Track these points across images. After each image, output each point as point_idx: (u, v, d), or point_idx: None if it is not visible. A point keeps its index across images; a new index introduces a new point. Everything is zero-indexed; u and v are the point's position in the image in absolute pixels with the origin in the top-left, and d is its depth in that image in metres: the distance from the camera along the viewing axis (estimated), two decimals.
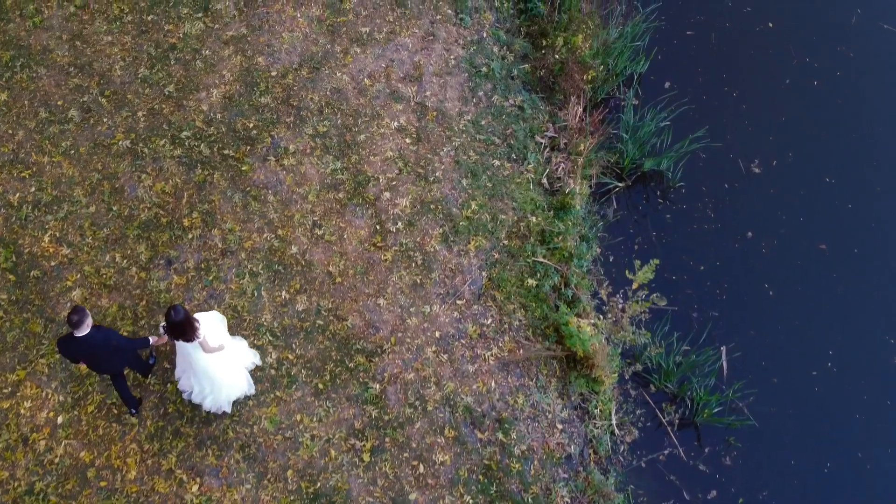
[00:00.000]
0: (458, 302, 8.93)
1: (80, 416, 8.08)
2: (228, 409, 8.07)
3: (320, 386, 8.31)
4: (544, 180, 10.05)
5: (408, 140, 9.76)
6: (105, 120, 9.63)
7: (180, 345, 7.54)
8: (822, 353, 9.87)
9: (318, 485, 7.96)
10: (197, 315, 7.64)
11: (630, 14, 11.46)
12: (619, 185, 10.64)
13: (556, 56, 10.55)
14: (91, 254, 8.83)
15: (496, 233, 9.43)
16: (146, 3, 10.33)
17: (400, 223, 9.21)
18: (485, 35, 10.70)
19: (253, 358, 8.38)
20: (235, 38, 10.14)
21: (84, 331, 6.89)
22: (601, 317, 9.52)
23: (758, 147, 11.04)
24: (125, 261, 8.78)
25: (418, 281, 8.95)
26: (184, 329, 7.10)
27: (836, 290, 10.20)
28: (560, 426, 8.82)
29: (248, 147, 9.48)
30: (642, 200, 10.69)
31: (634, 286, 8.81)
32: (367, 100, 9.91)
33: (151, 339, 7.53)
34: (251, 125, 9.62)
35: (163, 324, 7.34)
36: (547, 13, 10.94)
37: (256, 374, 8.25)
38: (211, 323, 7.83)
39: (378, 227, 9.16)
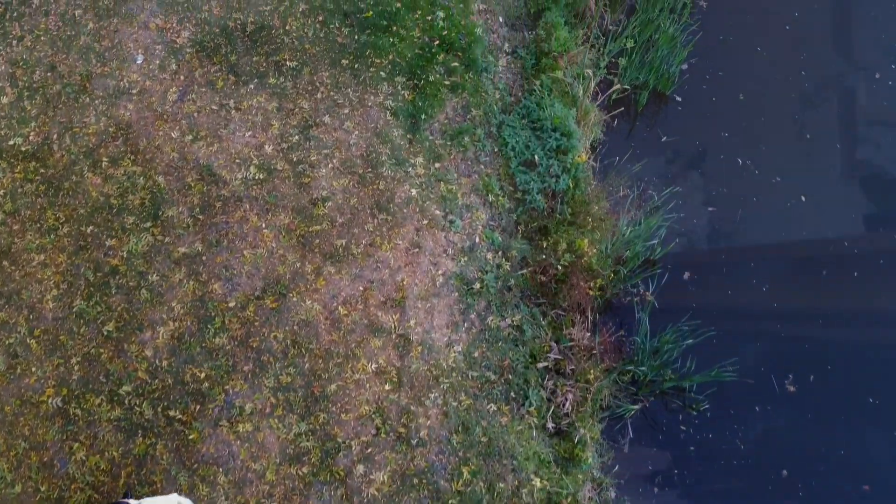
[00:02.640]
0: None
1: None
2: None
3: None
4: (549, 423, 8.08)
5: (387, 387, 7.77)
6: (34, 369, 7.65)
7: None
8: None
9: None
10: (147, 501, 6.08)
11: (644, 201, 9.44)
12: (634, 407, 8.68)
13: (559, 266, 8.55)
14: None
15: None
16: (85, 210, 8.30)
17: None
18: (477, 240, 8.66)
19: None
20: (188, 256, 8.14)
21: None
22: None
23: (792, 358, 8.95)
24: None
25: None
26: None
27: None
28: None
29: (198, 406, 7.50)
30: (661, 427, 8.67)
31: None
32: (340, 335, 7.91)
33: None
34: (202, 375, 7.64)
35: None
36: (547, 206, 8.92)
37: None
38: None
39: None
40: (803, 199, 9.70)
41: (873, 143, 10.09)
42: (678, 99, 10.25)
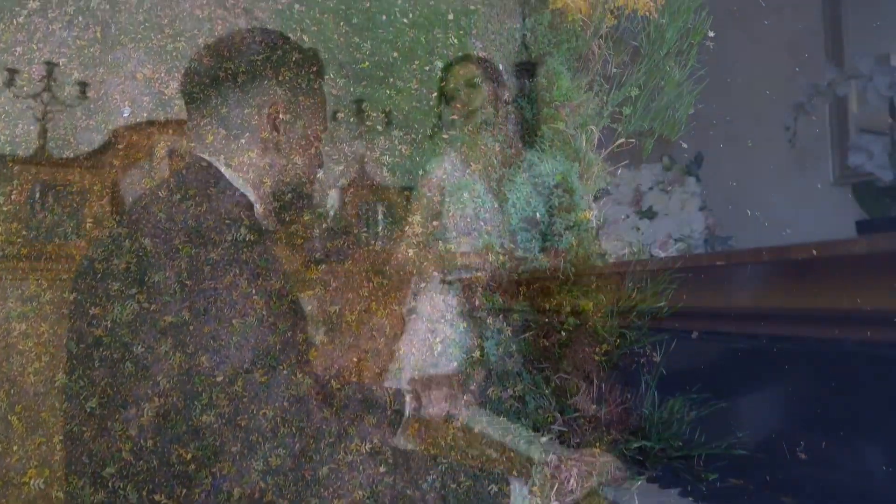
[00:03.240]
0: None
1: None
2: None
3: None
4: (553, 502, 7.68)
5: (382, 468, 7.32)
6: (16, 448, 7.26)
7: None
8: None
9: None
10: None
11: (650, 257, 8.99)
12: (641, 477, 8.26)
13: (563, 332, 8.13)
14: None
15: None
16: (68, 274, 7.95)
17: None
18: (477, 303, 8.26)
19: None
20: (175, 325, 7.67)
21: None
22: None
23: (802, 421, 8.61)
24: None
25: None
26: None
27: None
28: None
29: (185, 490, 7.08)
30: (668, 500, 8.31)
31: None
32: (332, 412, 7.44)
33: None
34: (189, 457, 7.23)
35: None
36: (550, 265, 8.47)
37: None
38: None
39: None
40: (814, 252, 9.24)
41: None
42: (684, 146, 9.75)
